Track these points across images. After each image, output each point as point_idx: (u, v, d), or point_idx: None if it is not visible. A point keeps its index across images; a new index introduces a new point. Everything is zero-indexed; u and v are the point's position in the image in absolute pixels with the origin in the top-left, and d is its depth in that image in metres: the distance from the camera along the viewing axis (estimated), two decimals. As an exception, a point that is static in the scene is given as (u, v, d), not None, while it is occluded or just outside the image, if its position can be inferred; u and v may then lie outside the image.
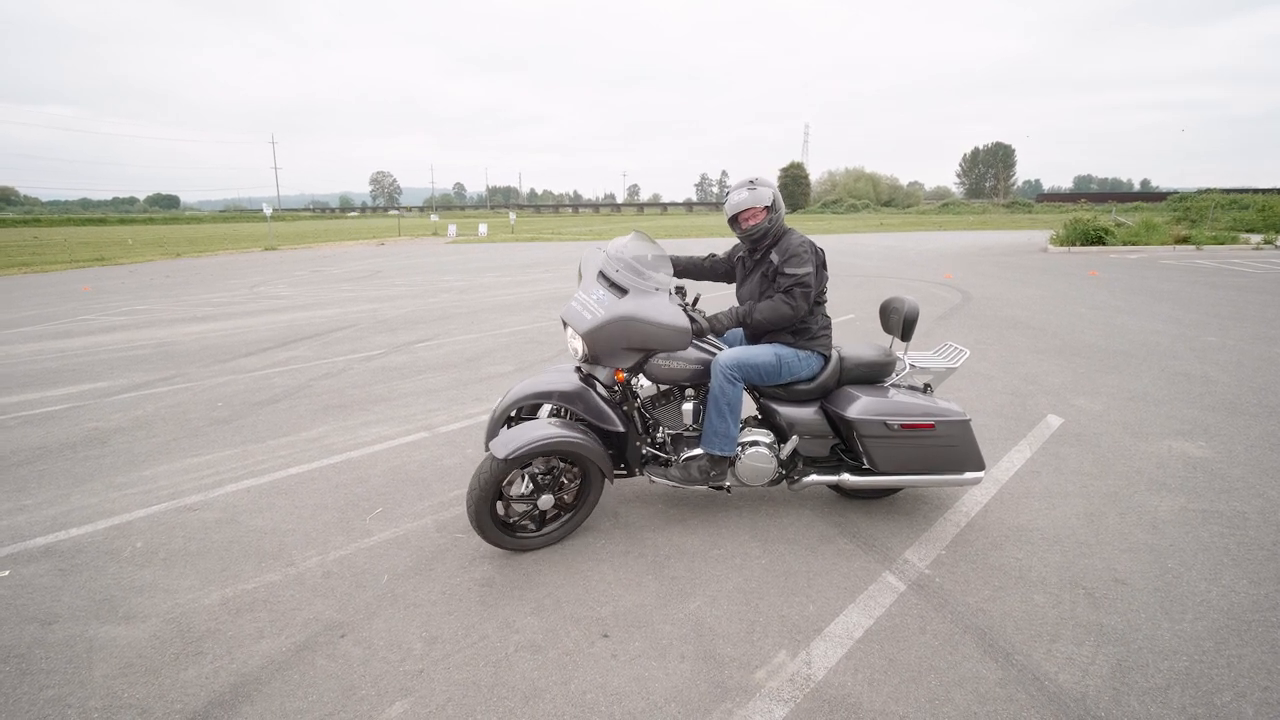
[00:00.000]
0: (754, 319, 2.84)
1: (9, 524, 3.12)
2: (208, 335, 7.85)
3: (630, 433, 2.84)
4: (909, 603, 2.42)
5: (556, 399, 2.82)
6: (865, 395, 2.84)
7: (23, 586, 2.60)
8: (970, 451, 2.85)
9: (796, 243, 2.86)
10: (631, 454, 2.88)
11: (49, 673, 2.12)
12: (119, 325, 8.67)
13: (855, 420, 2.76)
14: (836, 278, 12.32)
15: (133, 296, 11.70)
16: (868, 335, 7.04)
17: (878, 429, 2.76)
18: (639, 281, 2.74)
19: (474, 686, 2.03)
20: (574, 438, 2.62)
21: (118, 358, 6.67)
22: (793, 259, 2.81)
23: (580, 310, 2.78)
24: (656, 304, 2.70)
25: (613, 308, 2.66)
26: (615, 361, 2.77)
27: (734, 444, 2.80)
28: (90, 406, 4.99)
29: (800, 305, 2.80)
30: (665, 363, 2.79)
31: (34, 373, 6.10)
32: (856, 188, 77.57)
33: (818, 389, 2.94)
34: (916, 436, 2.79)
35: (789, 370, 2.87)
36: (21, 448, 4.13)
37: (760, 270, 2.95)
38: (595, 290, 2.77)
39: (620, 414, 2.82)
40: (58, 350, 7.10)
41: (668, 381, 2.87)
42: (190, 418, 4.67)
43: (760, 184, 2.89)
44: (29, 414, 4.83)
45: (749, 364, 2.78)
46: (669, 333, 2.69)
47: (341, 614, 2.39)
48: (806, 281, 2.79)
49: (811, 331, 2.91)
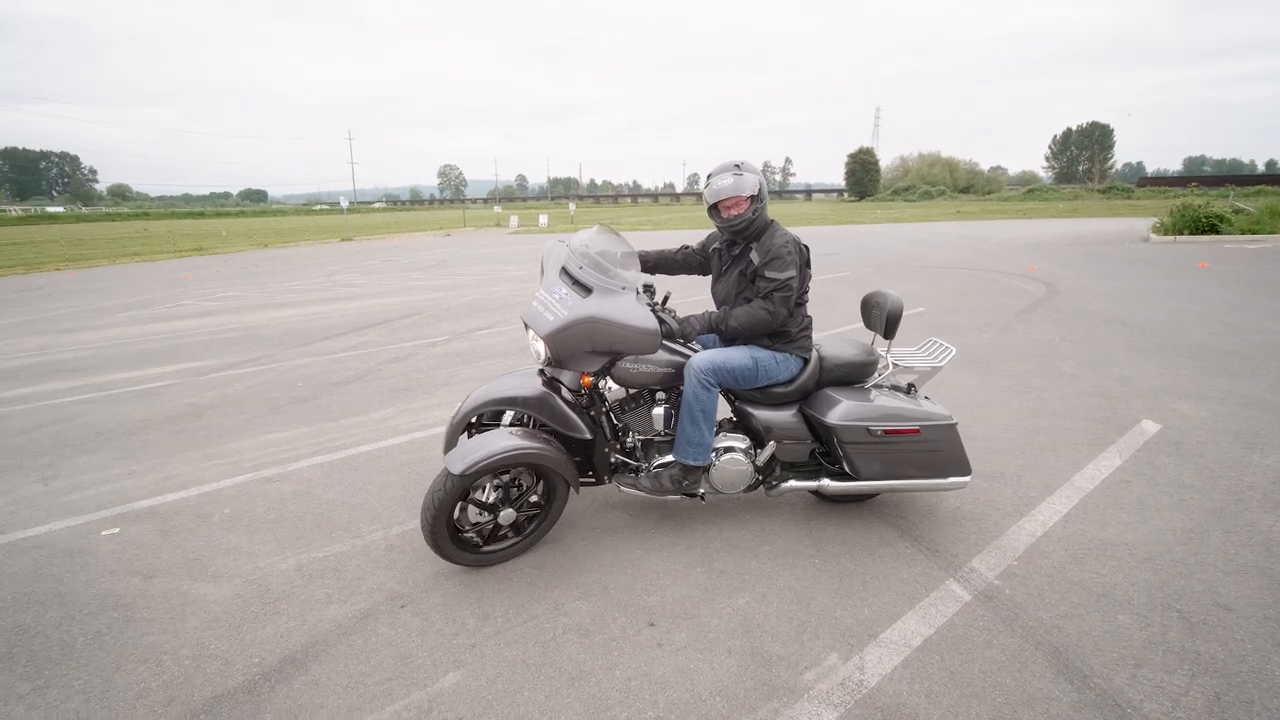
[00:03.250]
0: (730, 325, 2.66)
1: (119, 487, 3.45)
2: (289, 320, 8.40)
3: (598, 439, 2.69)
4: (974, 614, 2.30)
5: (519, 405, 2.67)
6: (846, 399, 2.69)
7: (129, 543, 2.88)
8: (956, 456, 2.72)
9: (780, 243, 2.64)
10: (600, 461, 2.72)
11: (149, 621, 2.34)
12: (213, 310, 9.41)
13: (836, 426, 2.62)
14: (904, 268, 11.82)
15: (225, 284, 12.67)
16: (938, 331, 6.72)
17: (860, 435, 2.63)
18: (604, 279, 2.55)
19: (523, 664, 2.10)
20: (536, 448, 2.45)
21: (212, 339, 7.24)
22: (775, 261, 2.60)
23: (541, 310, 2.59)
24: (623, 304, 2.51)
25: (576, 308, 2.48)
26: (580, 365, 2.61)
27: (709, 452, 2.65)
28: (188, 384, 5.45)
29: (780, 312, 2.62)
30: (634, 366, 2.62)
31: (142, 352, 6.71)
32: (931, 173, 73.81)
33: (796, 391, 2.79)
34: (900, 442, 2.65)
35: (766, 373, 2.72)
36: (130, 419, 4.56)
37: (739, 268, 2.74)
38: (557, 289, 2.58)
39: (587, 419, 2.67)
40: (161, 332, 7.78)
41: (637, 386, 2.70)
42: (272, 396, 5.01)
43: (746, 170, 2.66)
44: (137, 389, 5.32)
45: (724, 368, 2.62)
46: (636, 335, 2.50)
47: (402, 586, 2.52)
48: (789, 286, 2.61)
49: (791, 334, 2.75)
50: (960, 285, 9.79)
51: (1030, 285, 9.55)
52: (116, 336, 7.56)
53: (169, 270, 15.46)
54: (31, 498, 3.36)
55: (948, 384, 4.90)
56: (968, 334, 6.56)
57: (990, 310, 7.80)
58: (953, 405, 4.42)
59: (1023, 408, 4.39)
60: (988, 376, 5.12)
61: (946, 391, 4.72)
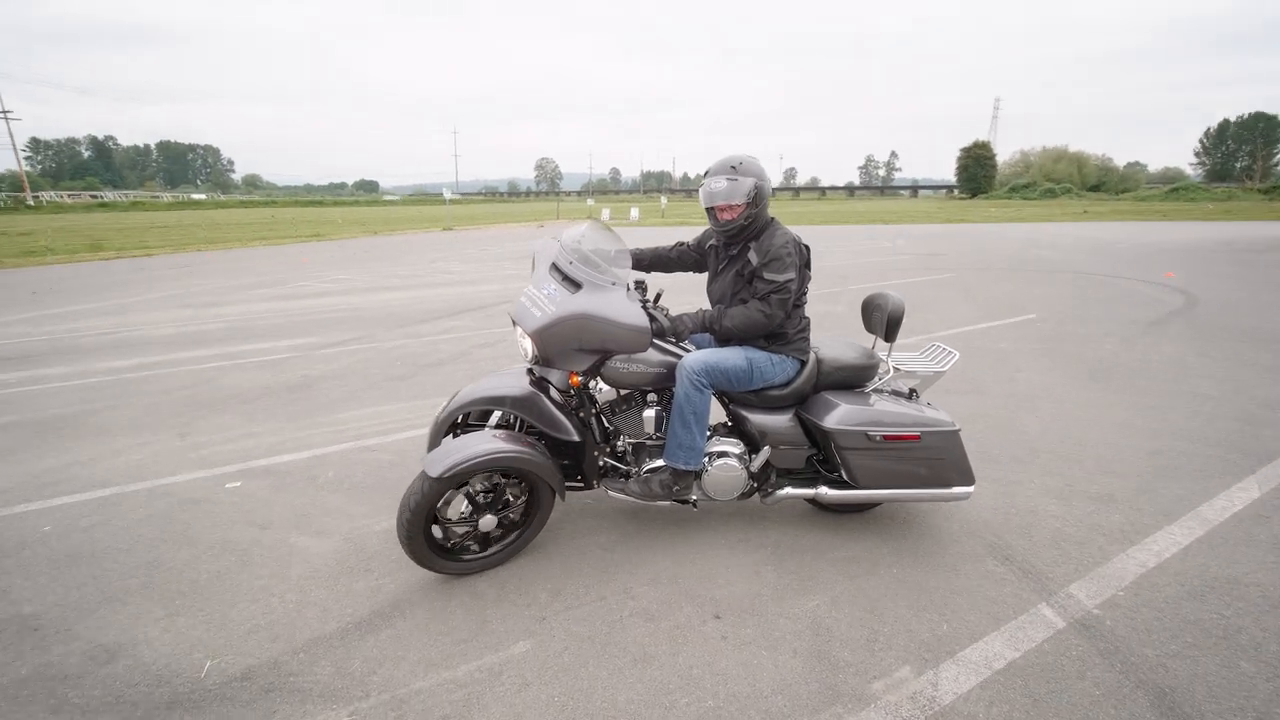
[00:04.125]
0: (724, 326, 2.56)
1: (241, 446, 3.88)
2: (392, 303, 9.03)
3: (587, 442, 2.62)
4: (1068, 642, 2.15)
5: (504, 405, 2.59)
6: (845, 403, 2.59)
7: (248, 497, 3.24)
8: (959, 464, 2.61)
9: (779, 243, 2.53)
10: (589, 465, 2.66)
11: (261, 566, 2.63)
12: (326, 291, 10.28)
13: (833, 430, 2.53)
14: (1015, 272, 10.99)
15: (338, 267, 13.79)
16: (1050, 341, 6.24)
17: (858, 440, 2.53)
18: (594, 275, 2.48)
19: (589, 640, 2.18)
20: (518, 452, 2.38)
21: (324, 318, 7.93)
22: (774, 263, 2.50)
23: (529, 306, 2.54)
24: (612, 301, 2.43)
25: (565, 304, 2.42)
26: (569, 364, 2.53)
27: (700, 457, 2.57)
28: (302, 357, 6.01)
29: (777, 314, 2.53)
30: (624, 366, 2.54)
31: (268, 327, 7.47)
32: (1056, 170, 67.91)
33: (793, 395, 2.69)
34: (900, 448, 2.55)
35: (761, 375, 2.63)
36: (255, 385, 5.10)
37: (735, 268, 2.65)
38: (546, 285, 2.53)
39: (576, 421, 2.59)
40: (282, 310, 8.61)
41: (627, 386, 2.63)
42: (373, 373, 5.44)
43: (744, 171, 2.52)
44: (260, 359, 5.94)
45: (718, 369, 2.53)
46: (626, 333, 2.42)
47: (480, 557, 2.68)
48: (787, 289, 2.51)
49: (788, 336, 2.65)
50: (1081, 291, 9.00)
51: (1166, 294, 8.62)
52: (245, 312, 8.44)
53: (291, 253, 17.02)
54: (170, 450, 3.85)
55: (1052, 395, 4.55)
56: (1085, 344, 6.04)
57: (1115, 320, 7.12)
58: (1060, 421, 4.10)
59: (1145, 428, 4.00)
60: (1105, 391, 4.70)
61: (1051, 404, 4.38)
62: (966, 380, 4.99)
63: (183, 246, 19.41)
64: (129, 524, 2.98)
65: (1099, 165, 71.76)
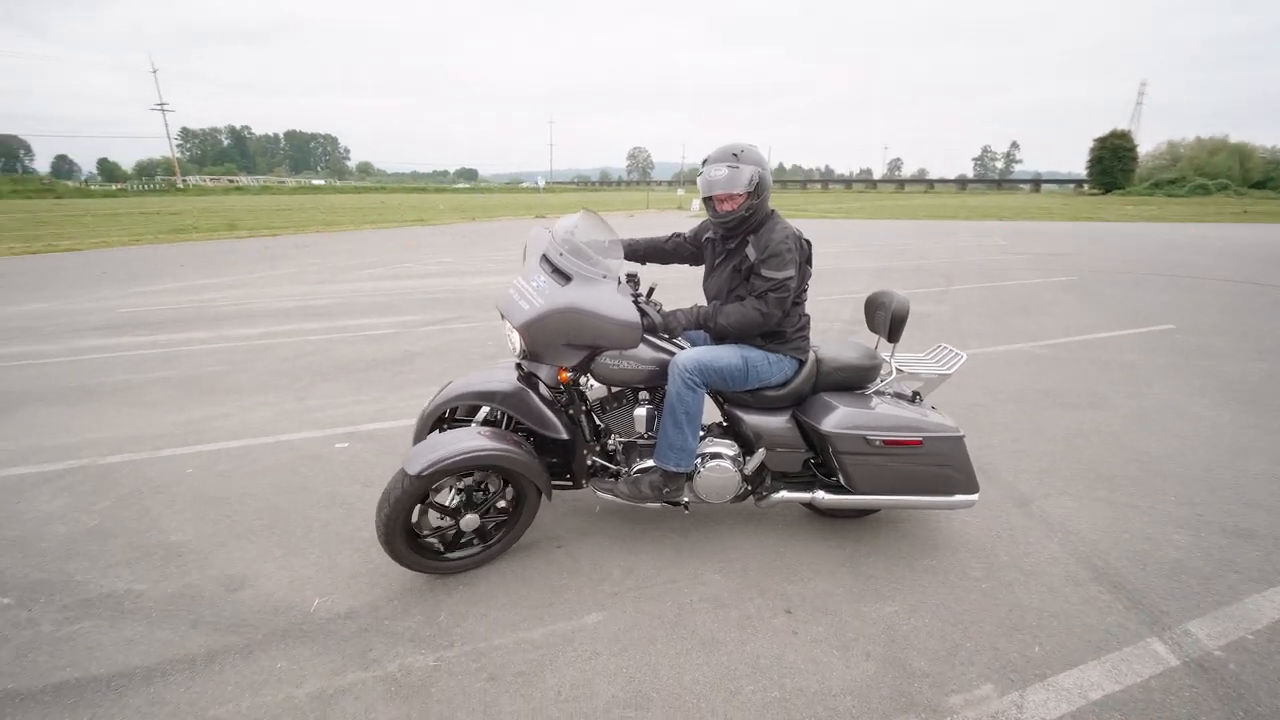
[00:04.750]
0: (718, 323, 2.48)
1: (349, 412, 4.27)
2: (488, 286, 9.50)
3: (578, 440, 2.56)
4: (1179, 682, 1.98)
5: (492, 401, 2.53)
6: (844, 405, 2.52)
7: (354, 457, 3.56)
8: (963, 472, 2.53)
9: (779, 238, 2.44)
10: (579, 463, 2.60)
11: (363, 519, 2.90)
12: (429, 273, 10.97)
13: (831, 434, 2.46)
14: (1150, 277, 9.96)
15: (440, 251, 14.64)
16: (1187, 355, 5.65)
17: (857, 444, 2.46)
18: (585, 267, 2.40)
19: (659, 619, 2.25)
20: (502, 450, 2.31)
21: (426, 298, 8.48)
22: (773, 259, 2.41)
23: (517, 299, 2.47)
24: (602, 294, 2.36)
25: (553, 297, 2.35)
26: (557, 359, 2.48)
27: (691, 458, 2.49)
28: (404, 333, 6.47)
29: (774, 313, 2.44)
30: (614, 362, 2.48)
31: (374, 304, 8.09)
32: (1211, 163, 60.21)
33: (790, 395, 2.61)
34: (901, 454, 2.47)
35: (757, 375, 2.54)
36: (361, 357, 5.57)
37: (733, 262, 2.57)
38: (536, 277, 2.46)
39: (565, 418, 2.54)
40: (389, 289, 9.28)
41: (618, 383, 2.56)
42: (469, 351, 5.77)
43: (745, 160, 2.43)
44: (367, 334, 6.46)
45: (711, 367, 2.45)
46: (615, 328, 2.35)
47: (560, 529, 2.82)
48: (786, 286, 2.42)
49: (786, 334, 2.57)
50: (1229, 301, 8.04)
51: (1340, 309, 7.52)
52: (356, 290, 9.18)
53: (398, 236, 18.26)
54: (290, 411, 4.29)
55: (1185, 414, 4.12)
56: (1229, 361, 5.41)
57: (1271, 336, 6.32)
58: (1193, 443, 3.73)
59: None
60: (1252, 413, 4.20)
61: (1184, 423, 3.98)
62: (1084, 392, 4.62)
63: (303, 228, 21.26)
64: (255, 472, 3.36)
65: (1267, 158, 63.03)
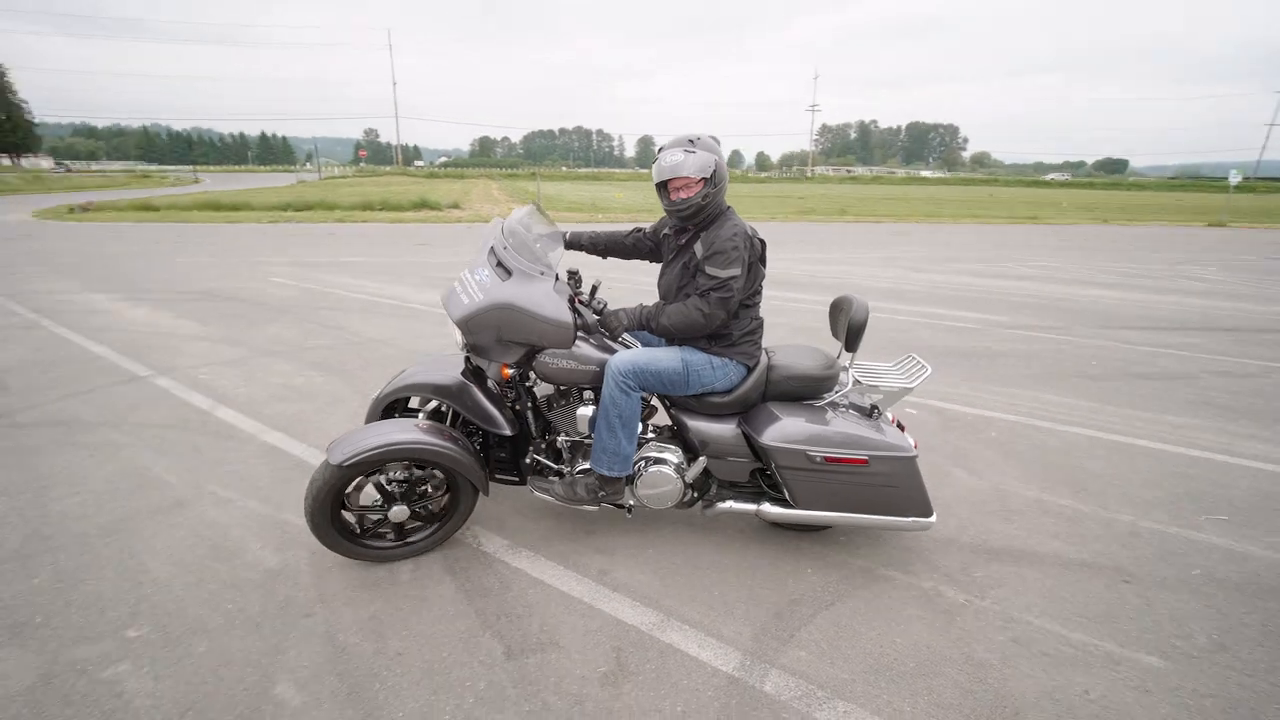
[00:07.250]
0: (660, 323, 2.48)
1: (923, 387, 4.69)
2: (1101, 300, 8.33)
3: (525, 436, 2.63)
4: None
5: (437, 394, 2.59)
6: (788, 417, 2.46)
7: (922, 424, 3.97)
8: (914, 494, 2.44)
9: (727, 235, 2.38)
10: (524, 460, 2.68)
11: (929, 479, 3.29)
12: (1028, 276, 10.36)
13: (770, 448, 2.41)
14: None
15: (1047, 254, 13.43)
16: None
17: (797, 459, 2.40)
18: (526, 263, 2.44)
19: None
20: (431, 444, 2.35)
21: (1018, 301, 8.15)
22: (717, 256, 2.36)
23: (459, 292, 2.50)
24: (535, 292, 2.39)
25: (492, 292, 2.39)
26: (498, 354, 2.50)
27: (628, 463, 2.50)
28: (989, 331, 6.47)
29: (716, 314, 2.39)
30: (554, 361, 2.48)
31: (960, 298, 8.29)
32: None
33: (737, 402, 2.56)
34: (844, 472, 2.40)
35: (699, 380, 2.50)
36: (941, 344, 5.92)
37: (683, 259, 2.53)
38: (481, 270, 2.48)
39: (510, 414, 2.57)
40: (978, 285, 9.29)
41: (560, 382, 2.55)
42: (1063, 364, 5.37)
43: (702, 146, 2.38)
44: (951, 324, 6.76)
45: (648, 370, 2.42)
46: (547, 327, 2.38)
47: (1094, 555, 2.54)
48: (730, 286, 2.37)
49: (732, 338, 2.51)
50: None
51: None
52: (945, 281, 9.55)
53: (994, 234, 17.52)
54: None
55: None
56: None
57: None
58: None
59: None
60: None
61: None
62: None
63: (904, 217, 22.84)
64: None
65: None
